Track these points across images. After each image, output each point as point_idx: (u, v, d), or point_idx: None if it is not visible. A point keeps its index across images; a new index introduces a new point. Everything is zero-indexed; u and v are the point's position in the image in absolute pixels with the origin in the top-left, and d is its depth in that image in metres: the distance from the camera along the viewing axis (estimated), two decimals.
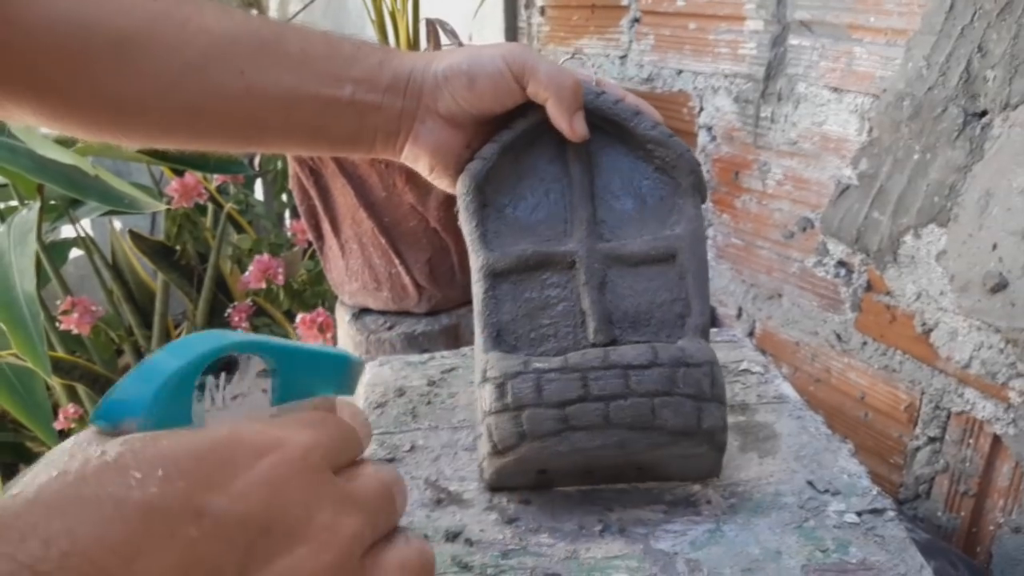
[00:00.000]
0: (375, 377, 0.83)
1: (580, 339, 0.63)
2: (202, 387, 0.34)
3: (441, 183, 0.67)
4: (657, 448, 0.58)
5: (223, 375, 0.36)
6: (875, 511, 0.61)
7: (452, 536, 0.59)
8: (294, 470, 0.31)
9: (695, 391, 0.58)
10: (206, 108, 0.57)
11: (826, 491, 0.63)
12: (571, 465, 0.60)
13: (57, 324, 1.63)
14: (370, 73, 0.60)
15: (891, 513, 0.60)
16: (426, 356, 0.88)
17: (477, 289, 0.64)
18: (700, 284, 0.64)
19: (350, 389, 0.42)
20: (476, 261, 0.64)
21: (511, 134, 0.65)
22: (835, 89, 1.05)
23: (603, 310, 0.63)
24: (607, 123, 0.65)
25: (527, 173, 0.67)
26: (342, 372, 0.41)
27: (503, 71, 0.61)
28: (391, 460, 0.68)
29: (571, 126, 0.63)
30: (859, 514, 0.60)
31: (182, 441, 0.30)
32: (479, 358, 0.63)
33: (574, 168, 0.66)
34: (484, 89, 0.61)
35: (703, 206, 0.71)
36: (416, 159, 0.64)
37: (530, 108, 0.64)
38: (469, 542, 0.58)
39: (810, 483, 0.64)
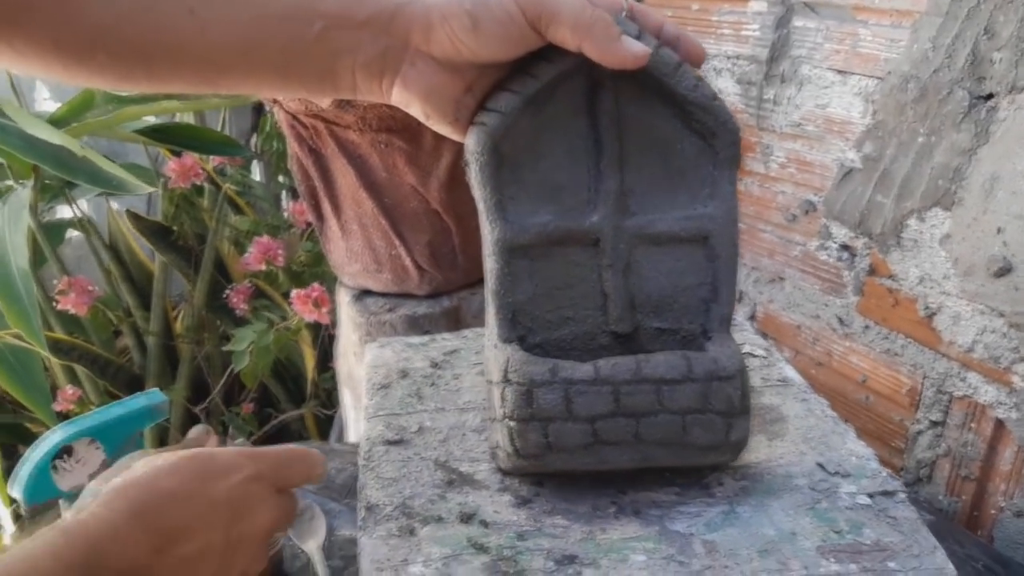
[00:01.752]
0: (376, 359, 0.82)
1: (600, 323, 0.61)
2: (55, 467, 0.63)
3: (440, 129, 0.60)
4: (686, 460, 0.58)
5: (65, 456, 0.63)
6: (886, 493, 0.61)
7: (467, 518, 0.59)
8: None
9: (726, 407, 0.56)
10: (156, 50, 0.54)
11: (836, 473, 0.63)
12: (593, 470, 0.60)
13: (55, 304, 1.63)
14: (344, 6, 0.54)
15: (902, 495, 0.61)
16: (427, 338, 0.87)
17: (492, 264, 0.59)
18: (730, 270, 0.60)
19: (163, 414, 0.72)
20: (492, 233, 0.58)
21: (535, 84, 0.57)
22: (839, 71, 1.05)
23: (627, 295, 0.61)
24: (644, 74, 0.56)
25: (548, 126, 0.59)
26: (148, 414, 0.69)
27: (514, 15, 0.53)
28: (399, 441, 0.68)
29: (627, 56, 0.54)
30: (871, 496, 0.61)
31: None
32: (491, 346, 0.60)
33: (603, 125, 0.59)
34: (489, 34, 0.53)
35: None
36: (408, 103, 0.58)
37: (553, 49, 0.55)
38: (484, 523, 0.58)
39: (820, 465, 0.64)
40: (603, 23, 0.53)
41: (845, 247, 1.09)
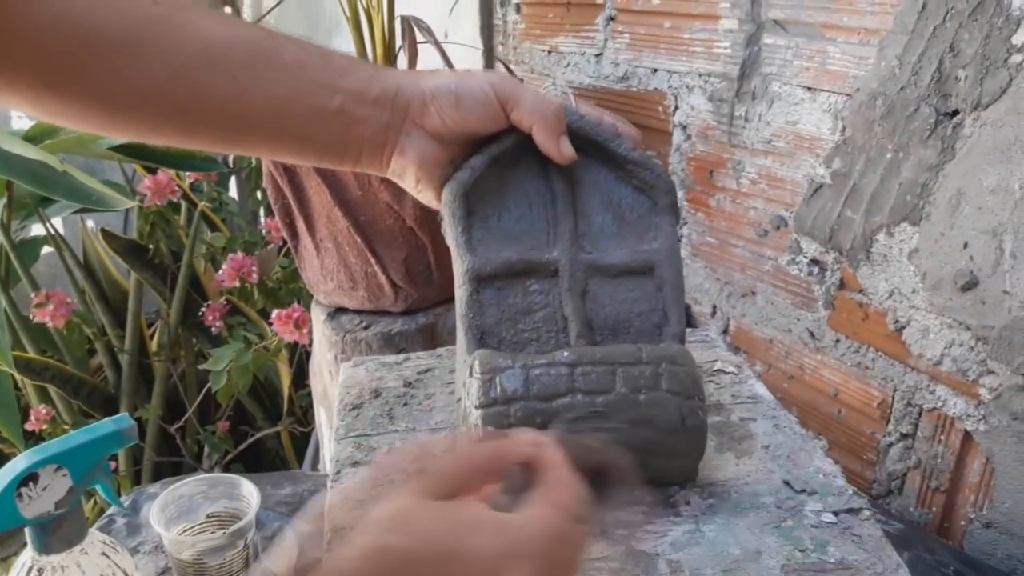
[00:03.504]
0: (349, 379, 0.82)
1: (562, 344, 0.65)
2: (20, 495, 0.61)
3: (425, 197, 0.68)
4: (645, 444, 0.59)
5: (30, 483, 0.61)
6: (851, 510, 0.61)
7: None
8: None
9: (679, 388, 0.60)
10: (196, 109, 0.58)
11: (803, 491, 0.63)
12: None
13: (31, 318, 1.61)
14: (360, 85, 0.61)
15: (867, 512, 0.61)
16: (401, 357, 0.87)
17: (461, 293, 0.65)
18: (677, 295, 0.66)
19: (132, 439, 0.67)
20: (461, 265, 0.65)
21: (499, 147, 0.66)
22: (809, 88, 1.06)
23: (585, 317, 0.65)
24: (589, 144, 0.67)
25: (511, 187, 0.68)
26: (116, 439, 0.65)
27: (489, 95, 0.63)
28: (368, 463, 0.68)
29: (559, 149, 0.65)
30: (836, 513, 0.61)
31: None
32: (461, 359, 0.64)
33: (557, 184, 0.68)
34: (470, 109, 0.63)
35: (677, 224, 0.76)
36: (403, 172, 0.65)
37: (516, 129, 0.66)
38: None
39: (787, 483, 0.64)
40: (553, 117, 0.64)
41: (815, 262, 1.10)
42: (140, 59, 0.55)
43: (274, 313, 1.50)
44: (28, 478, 0.62)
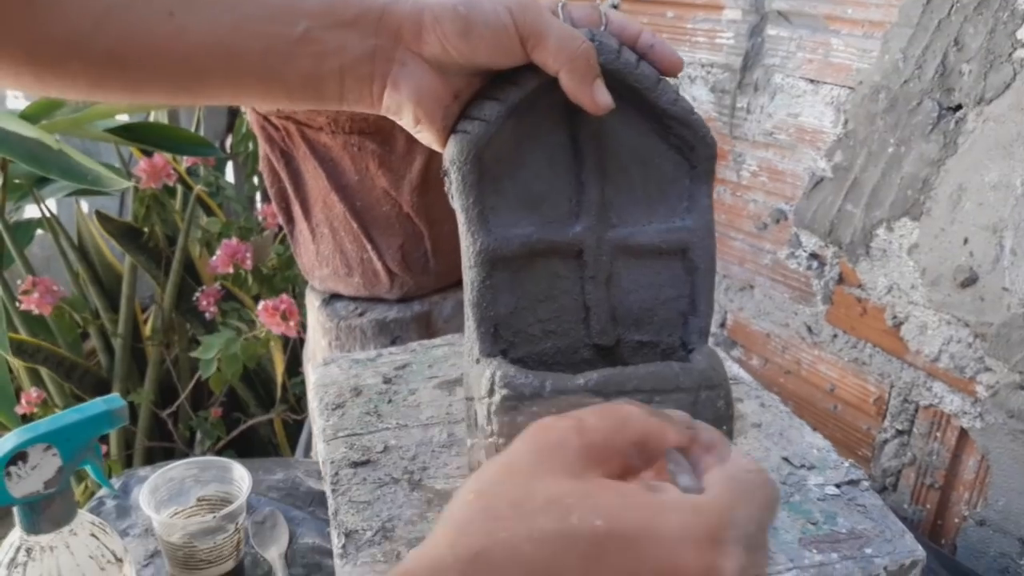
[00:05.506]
0: (324, 377, 0.81)
1: (582, 337, 0.60)
2: (9, 474, 0.60)
3: (425, 138, 0.58)
4: None
5: (20, 462, 0.60)
6: (851, 482, 0.65)
7: None
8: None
9: (713, 416, 0.55)
10: (132, 56, 0.51)
11: (802, 466, 0.65)
12: None
13: (18, 305, 1.60)
14: (328, 4, 0.52)
15: (866, 483, 0.65)
16: (374, 353, 0.86)
17: (472, 276, 0.57)
18: (708, 283, 0.60)
19: (122, 420, 0.65)
20: (473, 244, 0.56)
21: (518, 92, 0.56)
22: (811, 80, 1.05)
23: (608, 308, 0.59)
24: (624, 89, 0.56)
25: (528, 137, 0.58)
26: (106, 419, 0.64)
27: (507, 27, 0.52)
28: (365, 462, 0.67)
29: (593, 99, 0.54)
30: (838, 486, 0.63)
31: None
32: (472, 360, 0.58)
33: (583, 137, 0.58)
34: (480, 42, 0.52)
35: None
36: (399, 109, 0.55)
37: (536, 68, 0.55)
38: None
39: (786, 459, 0.65)
40: (584, 60, 0.53)
41: (815, 256, 1.09)
42: (59, 4, 0.49)
43: (260, 304, 1.49)
44: (17, 457, 0.61)
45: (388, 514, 0.61)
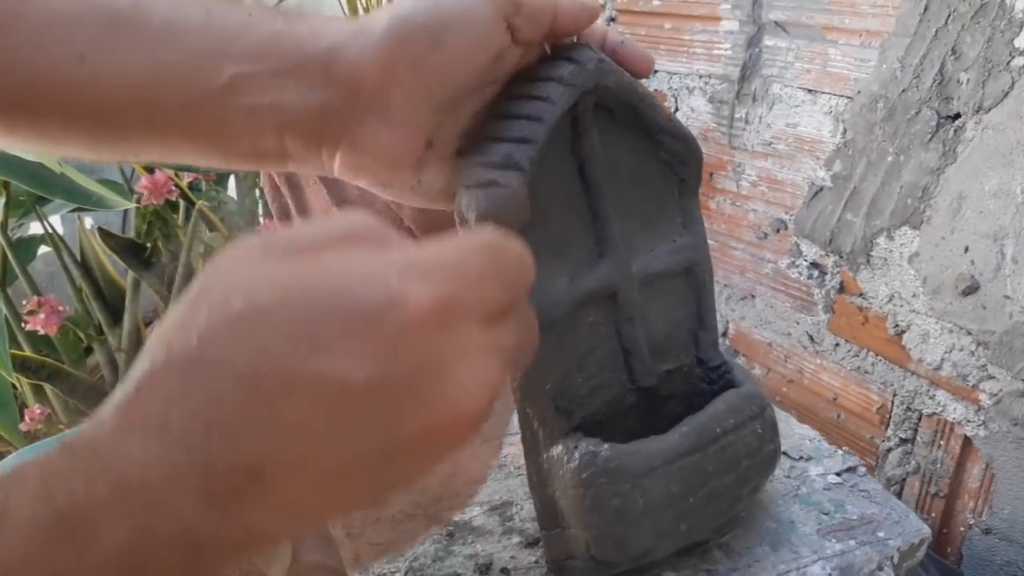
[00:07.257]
0: None
1: (624, 383, 0.56)
2: None
3: (402, 196, 0.49)
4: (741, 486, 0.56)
5: None
6: (850, 469, 0.68)
7: (484, 568, 0.56)
8: (416, 333, 0.27)
9: (772, 427, 0.56)
10: (39, 104, 0.43)
11: (800, 458, 0.66)
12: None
13: (24, 324, 1.61)
14: (261, 48, 0.42)
15: (863, 468, 0.67)
16: None
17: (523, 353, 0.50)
18: (710, 295, 0.59)
19: None
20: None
21: (553, 109, 0.46)
22: (810, 90, 1.05)
23: (645, 346, 0.56)
24: (620, 106, 0.52)
25: (543, 172, 0.50)
26: None
27: (491, 16, 0.43)
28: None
29: (644, 56, 0.49)
30: (838, 474, 0.65)
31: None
32: (543, 448, 0.52)
33: (590, 164, 0.53)
34: (459, 49, 0.43)
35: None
36: (357, 173, 0.46)
37: (553, 80, 0.47)
38: (506, 572, 0.56)
39: (785, 453, 0.66)
40: (595, 13, 0.46)
41: (815, 265, 1.09)
42: None
43: None
44: None
45: (412, 552, 0.60)
